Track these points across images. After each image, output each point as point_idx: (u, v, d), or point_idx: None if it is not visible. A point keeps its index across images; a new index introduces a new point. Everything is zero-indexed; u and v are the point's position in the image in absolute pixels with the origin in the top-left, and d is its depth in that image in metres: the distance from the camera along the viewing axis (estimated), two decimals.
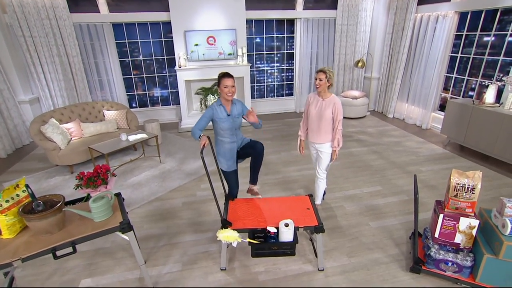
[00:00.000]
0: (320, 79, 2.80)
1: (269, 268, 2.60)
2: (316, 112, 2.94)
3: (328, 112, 2.88)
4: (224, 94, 2.55)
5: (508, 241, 2.06)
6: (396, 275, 2.49)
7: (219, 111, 2.61)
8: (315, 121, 2.96)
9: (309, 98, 3.03)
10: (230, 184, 2.87)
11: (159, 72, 6.63)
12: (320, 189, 3.20)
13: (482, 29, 4.96)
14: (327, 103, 2.89)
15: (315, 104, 2.96)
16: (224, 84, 2.51)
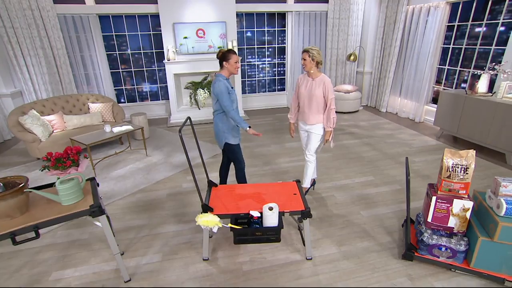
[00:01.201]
0: (304, 59, 2.79)
1: (254, 257, 2.46)
2: (307, 92, 2.90)
3: (319, 92, 2.84)
4: (233, 69, 2.67)
5: (504, 221, 1.95)
6: (388, 263, 2.37)
7: (228, 84, 2.68)
8: (306, 102, 2.93)
9: (299, 79, 3.00)
10: (241, 157, 2.95)
11: (148, 66, 6.49)
12: (308, 172, 3.14)
13: (474, 20, 4.90)
14: (317, 83, 2.85)
15: (305, 85, 2.92)
16: (235, 60, 2.64)
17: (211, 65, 6.10)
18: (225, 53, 2.63)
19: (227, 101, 2.61)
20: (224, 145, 2.87)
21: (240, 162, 2.96)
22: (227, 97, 2.61)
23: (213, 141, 5.15)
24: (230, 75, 2.73)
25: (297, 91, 3.02)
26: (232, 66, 2.65)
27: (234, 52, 2.65)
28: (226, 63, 2.64)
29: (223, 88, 2.60)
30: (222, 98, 2.61)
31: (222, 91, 2.59)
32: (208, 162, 4.31)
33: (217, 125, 2.83)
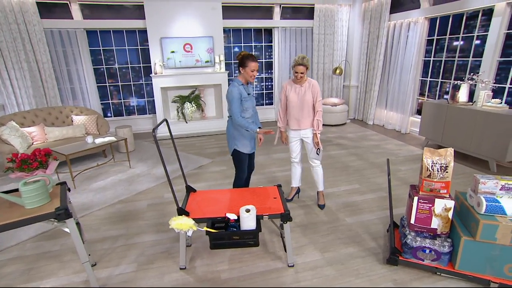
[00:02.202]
0: (302, 73, 2.75)
1: (234, 265, 2.35)
2: (298, 99, 2.88)
3: (309, 96, 2.85)
4: (249, 77, 2.56)
5: (484, 219, 1.91)
6: (372, 268, 2.28)
7: (242, 90, 2.58)
8: (297, 109, 2.90)
9: (285, 87, 2.95)
10: (244, 167, 2.82)
11: (135, 81, 6.49)
12: (319, 176, 3.14)
13: (451, 34, 5.08)
14: (305, 88, 2.86)
15: (294, 92, 2.89)
16: (252, 68, 2.51)
17: (198, 78, 6.14)
18: (244, 58, 2.51)
19: (236, 108, 2.51)
20: (232, 152, 2.76)
21: (242, 171, 2.83)
22: (236, 104, 2.50)
23: (199, 153, 5.09)
24: (247, 82, 2.63)
25: (284, 100, 2.98)
26: (248, 74, 2.52)
27: (253, 59, 2.49)
28: (243, 69, 2.52)
29: (235, 94, 2.49)
30: (230, 104, 2.52)
31: (233, 97, 2.49)
32: (193, 173, 4.24)
33: (228, 130, 2.75)
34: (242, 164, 2.79)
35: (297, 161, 3.17)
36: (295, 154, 3.15)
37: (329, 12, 6.66)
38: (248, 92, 2.63)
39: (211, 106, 6.78)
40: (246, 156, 2.78)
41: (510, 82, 4.26)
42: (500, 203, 1.90)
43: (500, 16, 4.16)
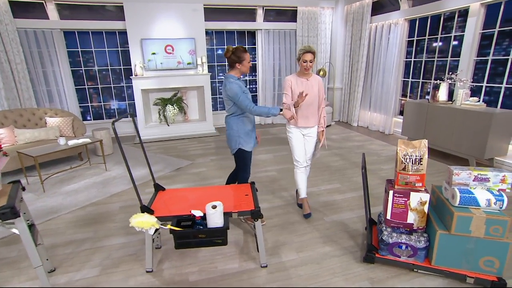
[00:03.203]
0: (311, 61, 2.57)
1: (204, 267, 2.22)
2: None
3: (316, 91, 2.70)
4: (246, 69, 2.45)
5: (458, 211, 1.84)
6: (349, 267, 2.19)
7: (241, 84, 2.46)
8: (306, 105, 2.68)
9: (290, 82, 2.69)
10: (247, 167, 2.67)
11: (116, 83, 6.34)
12: (305, 180, 2.94)
13: (430, 34, 5.14)
14: (312, 82, 2.70)
15: (301, 87, 2.67)
16: (248, 59, 2.42)
17: (180, 81, 6.03)
18: (236, 52, 2.37)
19: (245, 101, 2.36)
20: (236, 151, 2.58)
21: (247, 171, 2.67)
22: (244, 97, 2.36)
23: (179, 155, 4.96)
24: (241, 75, 2.51)
25: (291, 93, 2.69)
26: (245, 67, 2.42)
27: (245, 50, 2.41)
28: (240, 64, 2.40)
29: (236, 88, 2.36)
30: (239, 99, 2.36)
31: (237, 92, 2.35)
32: (171, 175, 4.11)
33: (231, 128, 2.55)
34: (247, 162, 2.63)
35: (305, 164, 2.90)
36: (303, 157, 2.86)
37: (312, 14, 6.68)
38: (244, 85, 2.51)
39: (194, 109, 6.67)
40: (250, 154, 2.63)
41: (487, 81, 4.30)
42: (474, 195, 1.85)
43: (475, 16, 4.22)
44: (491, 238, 1.82)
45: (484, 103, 4.08)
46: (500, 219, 1.77)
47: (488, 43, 4.24)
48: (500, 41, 4.13)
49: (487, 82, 4.30)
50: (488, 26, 4.20)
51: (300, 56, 2.59)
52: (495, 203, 1.82)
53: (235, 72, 2.45)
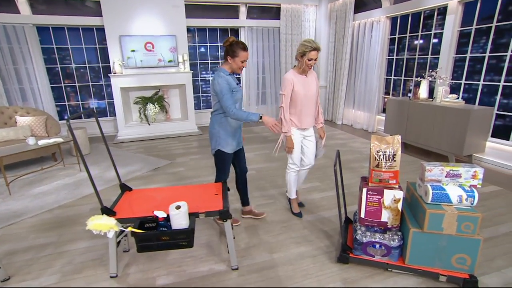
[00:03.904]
0: (315, 59, 2.41)
1: (173, 270, 2.12)
2: (305, 92, 2.52)
3: (314, 88, 2.58)
4: (237, 68, 2.26)
5: (431, 208, 1.79)
6: (323, 268, 2.12)
7: (231, 80, 2.26)
8: (307, 103, 2.54)
9: (291, 80, 2.48)
10: (225, 169, 2.48)
11: (94, 82, 6.14)
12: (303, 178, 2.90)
13: (411, 32, 5.15)
14: (310, 79, 2.57)
15: (302, 84, 2.51)
16: (243, 58, 2.22)
17: (161, 79, 5.89)
18: (234, 45, 2.18)
19: (228, 101, 2.17)
20: (215, 151, 2.43)
21: (223, 173, 2.49)
22: (228, 96, 2.17)
23: (159, 155, 4.82)
24: (232, 72, 2.31)
25: (292, 93, 2.50)
26: (236, 65, 2.22)
27: (244, 48, 2.18)
28: (231, 58, 2.20)
29: (224, 85, 2.17)
30: (222, 97, 2.18)
31: (223, 89, 2.17)
32: (148, 174, 3.97)
33: (213, 127, 2.40)
34: (224, 165, 2.46)
35: (309, 166, 2.80)
36: (299, 161, 2.74)
37: (295, 12, 6.63)
38: (236, 82, 2.33)
39: (176, 108, 6.53)
40: (229, 156, 2.45)
41: (466, 78, 4.32)
42: (446, 191, 1.80)
43: (453, 14, 4.23)
44: (463, 235, 1.78)
45: (463, 100, 4.09)
46: (471, 216, 1.73)
47: (466, 41, 4.26)
48: (477, 39, 4.15)
49: (466, 79, 4.32)
50: (466, 24, 4.22)
51: (305, 53, 2.39)
52: (467, 199, 1.77)
53: (227, 66, 2.27)
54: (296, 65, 2.56)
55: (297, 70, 2.53)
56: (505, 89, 3.89)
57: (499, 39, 3.92)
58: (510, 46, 3.75)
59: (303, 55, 2.40)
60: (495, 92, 3.97)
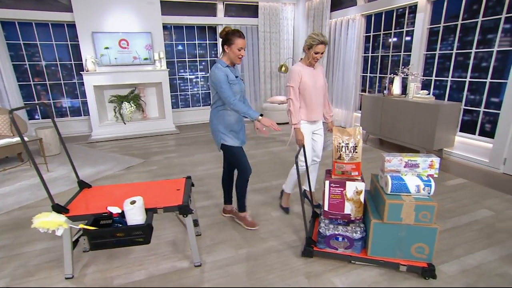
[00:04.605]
0: (322, 53, 2.37)
1: (133, 269, 2.04)
2: (314, 84, 2.48)
3: (322, 80, 2.54)
4: (235, 57, 2.15)
5: (390, 199, 1.79)
6: (287, 263, 2.09)
7: (228, 72, 2.17)
8: (316, 95, 2.51)
9: (299, 72, 2.44)
10: (245, 163, 2.35)
11: (67, 80, 5.93)
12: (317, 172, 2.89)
13: (385, 30, 5.23)
14: (318, 70, 2.53)
15: (310, 76, 2.46)
16: (239, 46, 2.11)
17: (137, 77, 5.75)
18: (229, 34, 2.11)
19: (227, 91, 2.09)
20: (221, 147, 2.34)
21: (245, 168, 2.35)
22: (226, 86, 2.10)
23: (134, 153, 4.71)
24: (232, 64, 2.23)
25: (302, 85, 2.46)
26: (233, 53, 2.12)
27: (240, 35, 2.12)
28: (227, 47, 2.13)
29: (220, 76, 2.10)
30: (220, 88, 2.10)
31: (220, 80, 2.09)
32: (119, 173, 3.86)
33: (211, 122, 2.34)
34: (239, 158, 2.33)
35: (317, 161, 2.79)
36: (311, 155, 2.67)
37: (273, 10, 6.63)
38: (235, 74, 2.25)
39: (153, 106, 6.40)
40: (241, 150, 2.34)
41: (436, 74, 4.42)
42: (404, 181, 1.81)
43: (423, 12, 4.32)
44: (421, 225, 1.79)
45: (433, 96, 4.18)
46: (428, 205, 1.74)
47: (436, 38, 4.35)
48: (446, 37, 4.24)
49: (436, 75, 4.41)
50: (435, 22, 4.31)
51: (312, 46, 2.35)
52: (424, 188, 1.79)
53: (225, 57, 2.20)
54: (303, 57, 2.54)
55: (304, 62, 2.50)
56: (472, 85, 3.99)
57: (465, 37, 4.02)
58: (474, 43, 3.85)
59: (310, 47, 2.38)
60: (463, 88, 4.07)
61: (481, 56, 3.87)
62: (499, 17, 3.56)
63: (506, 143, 3.50)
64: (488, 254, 2.12)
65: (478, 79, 3.91)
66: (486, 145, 3.75)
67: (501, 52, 3.63)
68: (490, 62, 3.72)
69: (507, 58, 3.54)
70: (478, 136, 3.92)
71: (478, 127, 3.92)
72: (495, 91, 3.75)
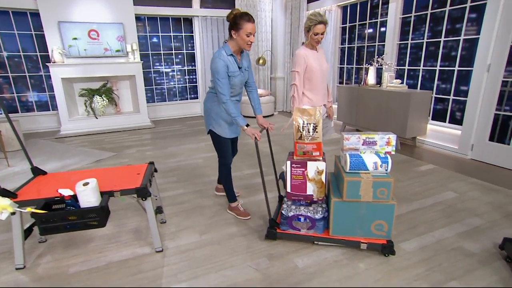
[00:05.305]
0: (322, 33, 2.35)
1: (91, 257, 2.02)
2: (320, 67, 2.48)
3: (325, 63, 2.56)
4: (243, 43, 2.03)
5: (348, 176, 1.85)
6: (251, 246, 2.12)
7: (230, 63, 2.08)
8: (320, 80, 2.52)
9: (304, 56, 2.45)
10: (227, 154, 2.36)
11: (33, 72, 5.75)
12: None
13: (360, 20, 5.34)
14: (321, 54, 2.53)
15: (315, 59, 2.47)
16: (247, 30, 1.98)
17: (109, 69, 5.64)
18: (237, 17, 1.98)
19: (222, 88, 2.03)
20: (208, 132, 2.33)
21: (223, 157, 2.36)
22: (224, 81, 2.03)
23: (105, 147, 4.63)
24: (240, 49, 2.12)
25: (304, 70, 2.47)
26: (242, 39, 2.00)
27: (249, 19, 1.98)
28: (235, 32, 2.00)
29: (219, 67, 2.01)
30: (216, 81, 2.04)
31: (218, 71, 2.01)
32: (88, 166, 3.79)
33: (205, 104, 2.30)
34: (222, 147, 2.32)
35: None
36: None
37: (251, 2, 6.64)
38: (239, 65, 2.14)
39: (127, 100, 6.30)
40: (226, 141, 2.32)
41: (409, 64, 4.55)
42: (362, 159, 1.86)
43: (395, 2, 4.44)
44: (379, 202, 1.84)
45: (406, 85, 4.31)
46: (385, 181, 1.80)
47: (408, 29, 4.48)
48: (418, 27, 4.38)
49: (409, 65, 4.55)
50: (407, 12, 4.44)
51: (310, 28, 2.33)
52: (381, 165, 1.85)
53: (232, 43, 2.08)
54: (304, 41, 2.53)
55: (307, 46, 2.50)
56: (443, 74, 4.14)
57: (436, 27, 4.16)
58: (443, 33, 4.00)
59: (308, 29, 2.36)
60: (434, 78, 4.21)
61: (450, 46, 4.02)
62: (464, 6, 3.71)
63: (473, 129, 3.65)
64: (447, 231, 2.21)
65: (447, 67, 4.06)
66: (456, 132, 3.90)
67: (467, 41, 3.79)
68: (458, 51, 3.87)
69: (473, 47, 3.69)
70: (448, 123, 4.07)
71: (448, 114, 4.08)
72: (464, 79, 3.91)
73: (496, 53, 3.36)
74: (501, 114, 3.46)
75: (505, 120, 3.48)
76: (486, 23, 3.38)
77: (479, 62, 3.50)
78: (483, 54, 3.44)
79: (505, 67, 3.33)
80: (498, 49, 3.33)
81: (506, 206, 2.58)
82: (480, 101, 3.55)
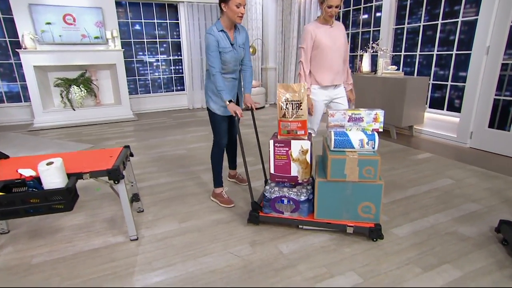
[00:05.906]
0: (337, 6, 2.29)
1: (59, 247, 1.98)
2: (333, 44, 2.42)
3: (343, 39, 2.47)
4: (233, 16, 2.09)
5: (332, 154, 1.84)
6: (233, 232, 2.10)
7: (221, 39, 2.15)
8: (333, 57, 2.44)
9: (311, 31, 2.41)
10: (220, 132, 2.43)
11: (2, 60, 5.65)
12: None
13: (355, 5, 5.37)
14: (336, 29, 2.44)
15: (327, 35, 2.41)
16: (237, 1, 2.04)
17: (87, 57, 5.58)
18: None
19: (212, 59, 2.12)
20: (206, 108, 2.43)
21: (218, 135, 2.43)
22: (214, 54, 2.12)
23: (82, 140, 4.57)
24: (232, 24, 2.19)
25: (310, 48, 2.45)
26: (231, 11, 2.07)
27: None
28: (225, 5, 2.07)
29: (210, 42, 2.11)
30: (207, 55, 2.14)
31: (209, 46, 2.11)
32: None
33: (205, 83, 2.42)
34: (216, 126, 2.41)
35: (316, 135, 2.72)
36: (318, 126, 2.69)
37: None
38: (232, 42, 2.20)
39: (108, 91, 6.24)
40: (221, 119, 2.38)
41: (405, 49, 4.59)
42: (348, 136, 1.86)
43: None
44: (365, 181, 1.84)
45: (402, 72, 4.33)
46: (371, 159, 1.80)
47: (404, 13, 4.52)
48: (415, 10, 4.41)
49: (405, 51, 4.58)
50: None
51: (322, 1, 2.31)
52: (368, 143, 1.85)
53: (224, 18, 2.15)
54: (318, 15, 2.50)
55: (320, 20, 2.45)
56: (441, 60, 4.17)
57: (433, 10, 4.20)
58: (440, 15, 4.03)
59: (322, 2, 2.32)
60: (432, 64, 4.24)
61: (449, 29, 4.06)
62: None
63: (472, 116, 3.69)
64: (442, 216, 2.22)
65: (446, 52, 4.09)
66: (454, 119, 3.93)
67: (466, 24, 3.82)
68: (456, 34, 3.91)
69: (472, 30, 3.73)
70: (446, 111, 4.10)
71: (446, 101, 4.11)
72: (463, 65, 3.94)
73: (495, 34, 3.39)
74: (501, 99, 3.50)
75: (505, 105, 3.52)
76: (485, 2, 3.41)
77: (478, 44, 3.53)
78: (482, 36, 3.48)
79: (504, 49, 3.37)
80: (497, 30, 3.37)
81: (505, 191, 2.61)
82: (479, 85, 3.59)
